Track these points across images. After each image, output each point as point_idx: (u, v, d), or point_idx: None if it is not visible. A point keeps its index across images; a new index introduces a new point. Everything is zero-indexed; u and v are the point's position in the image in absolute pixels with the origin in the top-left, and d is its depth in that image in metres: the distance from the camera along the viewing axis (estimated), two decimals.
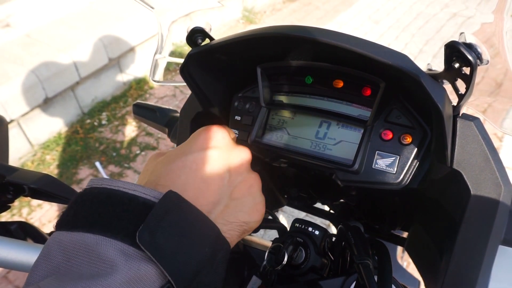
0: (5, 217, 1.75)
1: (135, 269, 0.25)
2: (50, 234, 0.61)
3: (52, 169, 2.15)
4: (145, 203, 0.27)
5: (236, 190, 0.35)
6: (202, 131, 0.36)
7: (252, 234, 0.63)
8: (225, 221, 0.33)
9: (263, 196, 0.38)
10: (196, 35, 0.43)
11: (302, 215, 1.57)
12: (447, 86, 0.37)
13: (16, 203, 1.96)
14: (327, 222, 0.74)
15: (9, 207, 0.59)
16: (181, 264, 0.26)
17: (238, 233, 0.34)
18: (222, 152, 0.35)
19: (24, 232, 0.57)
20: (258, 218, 0.36)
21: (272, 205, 0.70)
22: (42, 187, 0.54)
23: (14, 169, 0.56)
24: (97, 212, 0.27)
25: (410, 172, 0.41)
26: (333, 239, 0.53)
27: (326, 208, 0.73)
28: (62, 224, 0.27)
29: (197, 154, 0.33)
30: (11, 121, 2.03)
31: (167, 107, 0.79)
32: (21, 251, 0.44)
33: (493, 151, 0.37)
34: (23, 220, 0.62)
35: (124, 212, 0.27)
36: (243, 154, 0.37)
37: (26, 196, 0.57)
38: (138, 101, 0.83)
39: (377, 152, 0.42)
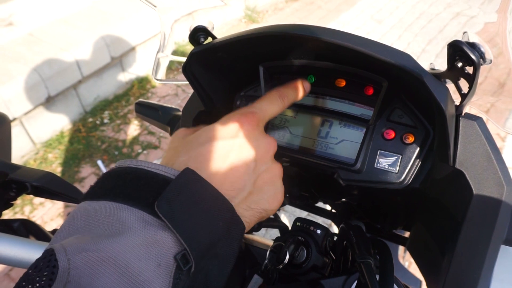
0: (8, 215, 1.76)
1: (152, 233, 0.26)
2: (53, 232, 0.61)
3: (54, 168, 2.16)
4: (165, 179, 0.29)
5: (260, 178, 0.36)
6: (234, 117, 0.37)
7: (253, 233, 0.63)
8: (248, 207, 0.35)
9: (283, 186, 0.39)
10: (198, 33, 0.44)
11: (303, 214, 1.57)
12: (450, 86, 0.37)
13: (19, 201, 1.97)
14: (329, 221, 0.74)
15: (11, 205, 0.59)
16: (196, 233, 0.28)
17: (256, 219, 0.36)
18: (251, 141, 0.36)
19: (26, 229, 0.58)
20: (277, 206, 0.38)
21: None
22: (44, 185, 0.54)
23: (17, 167, 0.56)
24: (121, 185, 0.29)
25: (412, 171, 0.41)
26: (335, 238, 0.53)
27: (328, 207, 0.73)
28: (88, 195, 0.30)
29: (228, 141, 0.35)
30: (14, 119, 2.04)
31: (169, 105, 0.79)
32: (23, 248, 0.44)
33: (496, 151, 0.37)
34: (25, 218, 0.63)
35: (145, 186, 0.29)
36: (270, 144, 0.38)
37: (28, 194, 0.57)
38: (141, 99, 0.83)
39: (379, 151, 0.42)
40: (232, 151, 0.34)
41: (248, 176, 0.35)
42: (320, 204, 0.72)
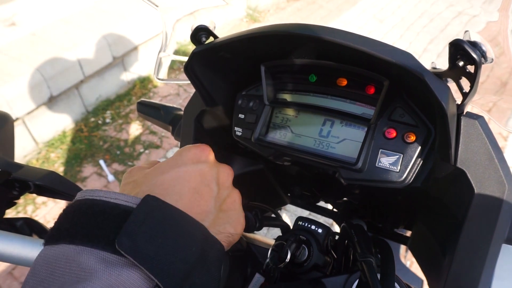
0: (10, 214, 1.77)
1: (115, 275, 0.25)
2: None
3: (56, 167, 2.17)
4: (126, 210, 0.27)
5: (224, 203, 0.37)
6: (191, 147, 0.38)
7: (255, 232, 0.63)
8: (217, 231, 0.34)
9: (243, 211, 0.40)
10: (200, 33, 0.44)
11: (305, 213, 1.57)
12: (452, 85, 0.37)
13: (21, 200, 1.98)
14: (330, 220, 0.75)
15: (15, 204, 0.59)
16: (167, 265, 0.26)
17: (226, 244, 0.35)
18: (212, 167, 0.37)
19: (29, 228, 0.58)
20: (241, 230, 0.38)
21: (275, 204, 0.71)
22: (47, 184, 0.54)
23: (20, 166, 0.56)
24: (78, 223, 0.27)
25: (413, 170, 0.41)
26: (336, 237, 0.53)
27: (329, 206, 0.74)
28: (48, 239, 0.28)
29: (190, 166, 0.35)
30: (17, 119, 2.05)
31: (171, 105, 0.79)
32: (26, 246, 0.45)
33: (497, 150, 0.37)
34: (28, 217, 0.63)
35: (105, 221, 0.27)
36: (228, 170, 0.40)
37: (31, 192, 0.57)
38: (142, 99, 0.83)
39: (380, 150, 0.42)
40: (196, 176, 0.35)
41: (213, 200, 0.35)
42: (321, 204, 0.72)
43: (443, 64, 0.38)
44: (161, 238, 0.27)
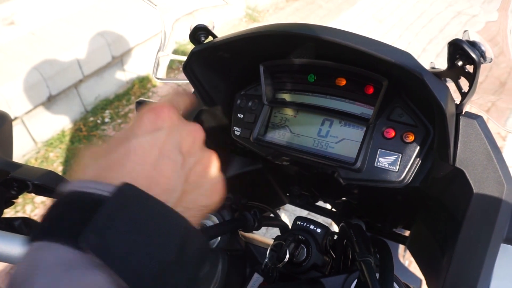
0: (9, 214, 1.76)
1: (77, 276, 0.21)
2: None
3: (55, 167, 2.16)
4: (100, 200, 0.24)
5: (192, 173, 0.31)
6: (145, 112, 0.31)
7: (254, 232, 0.63)
8: (184, 208, 0.29)
9: (221, 175, 0.34)
10: (199, 32, 0.44)
11: (304, 213, 1.56)
12: (451, 85, 0.37)
13: (20, 200, 1.98)
14: (329, 220, 0.75)
15: (13, 203, 0.59)
16: (139, 266, 0.23)
17: (198, 218, 0.31)
18: (170, 133, 0.30)
19: (28, 227, 0.58)
20: (218, 199, 0.33)
21: (274, 203, 0.71)
22: (46, 183, 0.54)
23: (18, 165, 0.56)
24: (47, 217, 0.24)
25: (412, 170, 0.41)
26: (335, 237, 0.53)
27: (328, 206, 0.74)
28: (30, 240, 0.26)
29: (143, 138, 0.29)
30: (15, 118, 2.04)
31: None
32: (25, 246, 0.44)
33: (496, 150, 0.37)
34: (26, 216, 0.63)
35: (72, 212, 0.23)
36: (194, 131, 0.33)
37: (30, 192, 0.57)
38: (141, 98, 0.83)
39: (379, 150, 0.42)
40: (150, 148, 0.28)
41: (177, 174, 0.29)
42: (320, 203, 0.72)
43: (442, 64, 0.38)
44: (135, 236, 0.23)
